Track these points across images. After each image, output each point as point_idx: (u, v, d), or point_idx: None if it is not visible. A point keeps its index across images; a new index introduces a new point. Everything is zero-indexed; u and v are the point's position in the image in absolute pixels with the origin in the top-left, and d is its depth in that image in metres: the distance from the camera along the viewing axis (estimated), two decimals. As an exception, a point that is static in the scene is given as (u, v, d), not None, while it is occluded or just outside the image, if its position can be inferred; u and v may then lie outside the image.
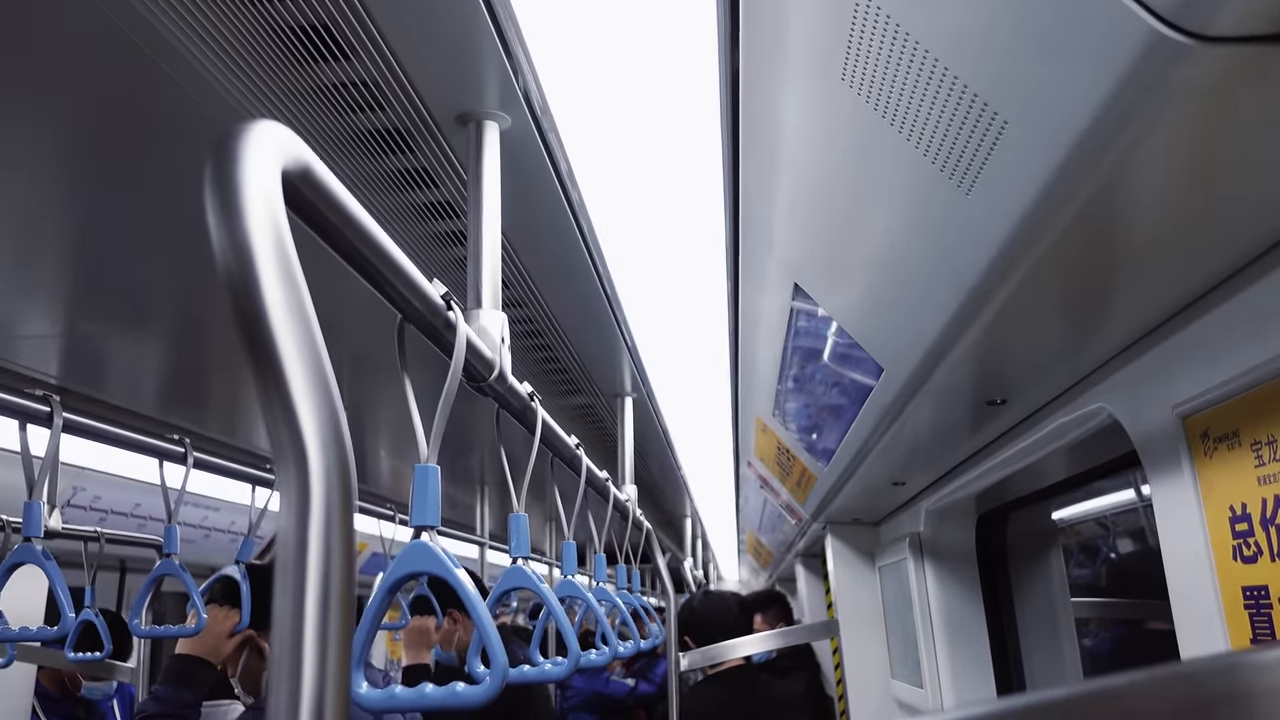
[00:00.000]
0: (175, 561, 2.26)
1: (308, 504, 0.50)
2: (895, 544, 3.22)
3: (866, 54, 0.96)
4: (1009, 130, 0.84)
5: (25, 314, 2.48)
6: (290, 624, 0.48)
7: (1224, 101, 0.70)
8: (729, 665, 3.36)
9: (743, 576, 13.35)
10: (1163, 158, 0.79)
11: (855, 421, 2.09)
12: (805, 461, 3.03)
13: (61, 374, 2.97)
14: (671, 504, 6.92)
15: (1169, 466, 1.26)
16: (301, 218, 0.74)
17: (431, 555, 1.03)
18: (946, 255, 1.15)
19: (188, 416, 3.66)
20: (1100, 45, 0.68)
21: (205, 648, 2.49)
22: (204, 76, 1.38)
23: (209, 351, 2.89)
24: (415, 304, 1.02)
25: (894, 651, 3.47)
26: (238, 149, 0.58)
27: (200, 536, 4.38)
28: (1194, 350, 1.19)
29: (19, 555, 1.83)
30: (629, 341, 2.80)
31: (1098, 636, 3.79)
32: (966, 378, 1.56)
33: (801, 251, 1.67)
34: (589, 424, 4.02)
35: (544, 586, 1.41)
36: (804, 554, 5.63)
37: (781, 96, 1.27)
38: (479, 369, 1.27)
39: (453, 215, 1.90)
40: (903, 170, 1.07)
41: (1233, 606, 1.12)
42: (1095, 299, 1.20)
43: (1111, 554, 3.89)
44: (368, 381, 3.28)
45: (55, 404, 1.78)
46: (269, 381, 0.51)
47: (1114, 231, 0.96)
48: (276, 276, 0.53)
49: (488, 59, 1.36)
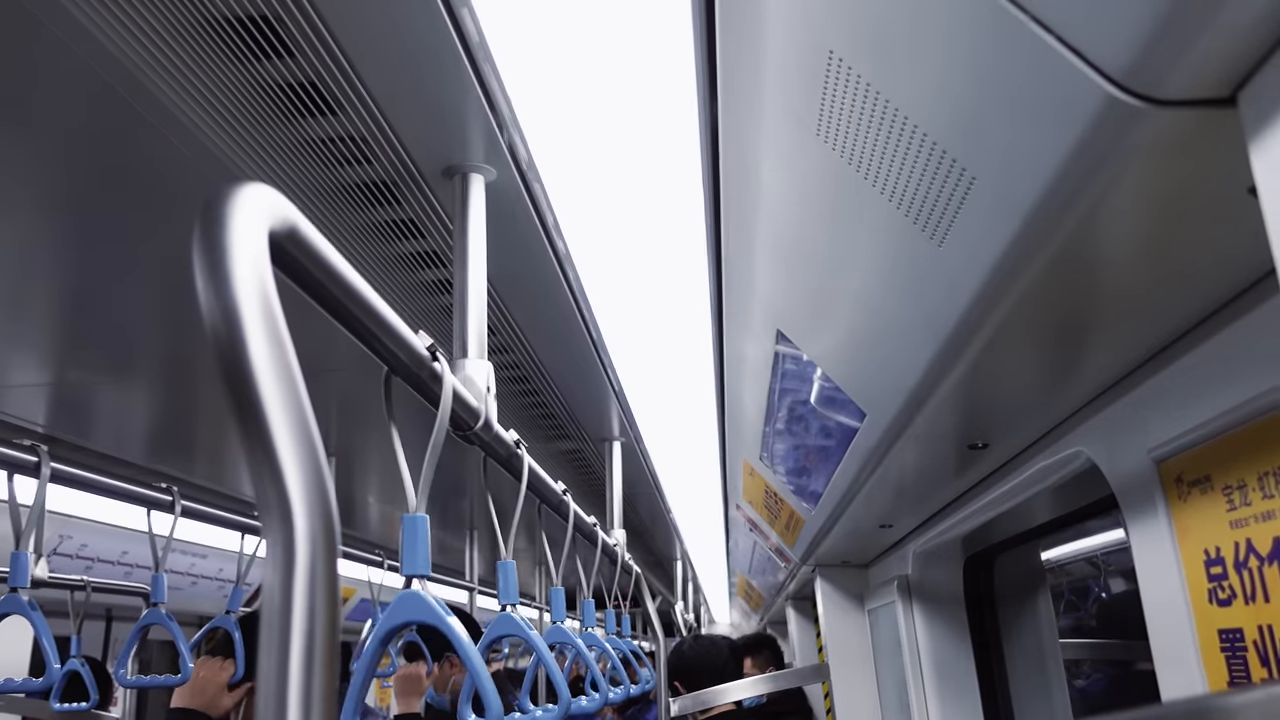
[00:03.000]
0: (162, 610, 2.25)
1: (292, 558, 0.51)
2: (884, 586, 3.22)
3: (839, 112, 0.99)
4: (977, 186, 0.87)
5: (13, 363, 2.48)
6: (275, 677, 0.49)
7: (1178, 161, 0.73)
8: (719, 710, 3.34)
9: (734, 620, 13.27)
10: (1124, 213, 0.82)
11: (840, 465, 2.11)
12: (793, 504, 3.04)
13: (49, 422, 2.97)
14: (661, 547, 6.90)
15: (1145, 510, 1.28)
16: (289, 275, 0.75)
17: (424, 604, 1.04)
18: (922, 304, 1.17)
19: (175, 464, 3.65)
20: (1059, 107, 0.70)
21: (202, 700, 2.46)
22: (193, 131, 1.41)
23: (196, 400, 2.90)
24: (401, 356, 1.03)
25: (885, 695, 3.45)
26: (225, 212, 0.60)
27: (188, 584, 4.36)
28: (1167, 395, 1.21)
29: (5, 606, 1.82)
30: (616, 387, 2.82)
31: (1090, 677, 3.79)
32: (948, 422, 1.59)
33: (783, 299, 1.69)
34: (577, 469, 4.02)
35: (533, 633, 1.42)
36: (794, 596, 5.62)
37: (759, 150, 1.30)
38: (465, 418, 1.28)
39: (439, 264, 1.92)
40: (877, 222, 1.09)
41: (1209, 649, 1.13)
42: (1069, 345, 1.23)
43: (1102, 594, 3.90)
44: (356, 429, 3.28)
45: (43, 454, 1.79)
46: (255, 440, 0.53)
47: (1082, 282, 0.99)
48: (263, 338, 0.55)
49: (472, 114, 1.38)
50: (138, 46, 1.21)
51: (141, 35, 1.19)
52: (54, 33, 1.17)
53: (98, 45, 1.20)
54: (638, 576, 3.10)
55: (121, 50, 1.21)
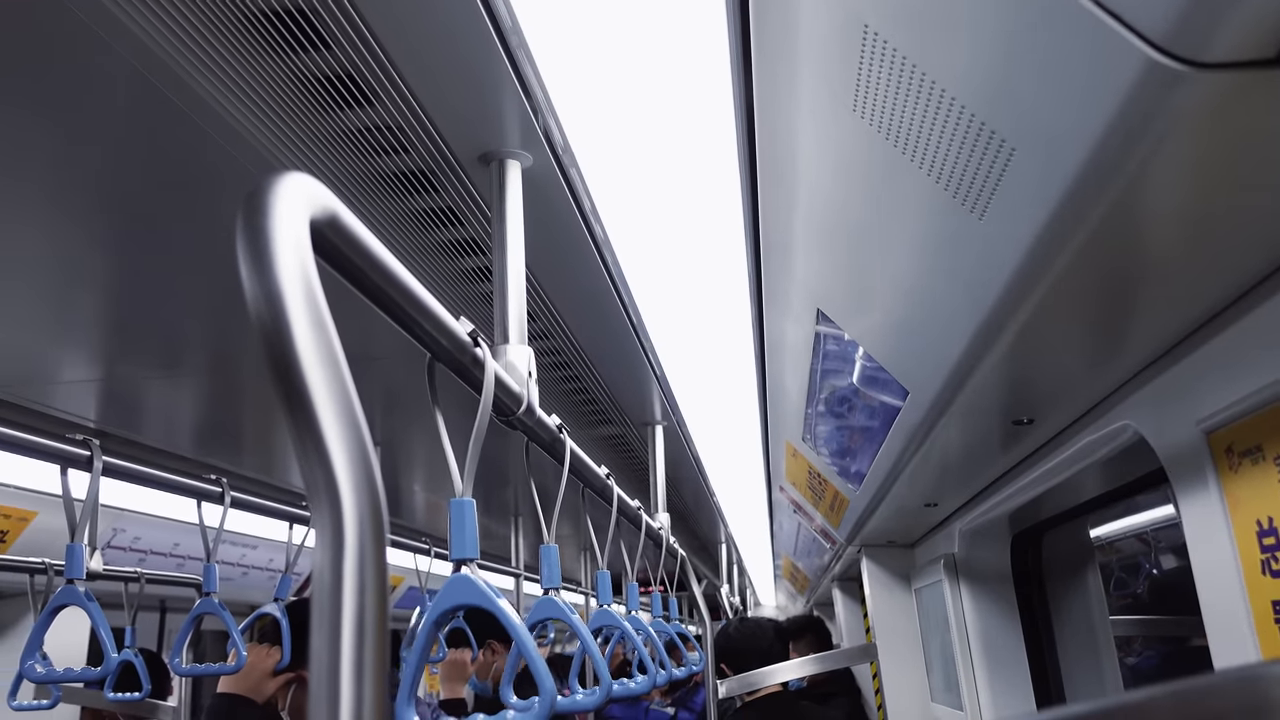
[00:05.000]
0: (214, 600, 2.29)
1: (342, 541, 0.52)
2: (930, 566, 3.21)
3: (876, 87, 0.98)
4: (1017, 157, 0.86)
5: (64, 360, 2.53)
6: (327, 659, 0.50)
7: (1224, 125, 0.72)
8: (766, 692, 3.34)
9: (780, 602, 13.27)
10: (1169, 180, 0.80)
11: (884, 444, 2.10)
12: (837, 485, 3.03)
13: (100, 418, 3.03)
14: (706, 531, 6.90)
15: (1195, 483, 1.26)
16: (330, 264, 0.76)
17: (474, 588, 1.05)
18: (964, 278, 1.16)
19: (224, 456, 3.71)
20: (1099, 74, 0.69)
21: (247, 685, 2.51)
22: (233, 126, 1.42)
23: (244, 392, 2.94)
24: (443, 342, 1.04)
25: (933, 674, 3.44)
26: (267, 201, 0.61)
27: (239, 574, 4.43)
28: (1215, 365, 1.19)
29: (62, 597, 1.86)
30: (657, 370, 2.82)
31: (1142, 654, 3.75)
32: (992, 398, 1.57)
33: (823, 278, 1.68)
34: (620, 453, 4.03)
35: (574, 617, 1.43)
36: (840, 578, 5.60)
37: (795, 128, 1.30)
38: (507, 403, 1.29)
39: (478, 252, 1.93)
40: (916, 197, 1.09)
41: (1263, 620, 1.12)
42: (1114, 317, 1.21)
43: (1154, 570, 3.85)
44: (402, 418, 3.31)
45: (95, 448, 1.82)
46: (302, 424, 0.53)
47: (1127, 251, 0.97)
48: (307, 323, 0.56)
49: (507, 100, 1.39)
50: (175, 42, 1.23)
51: (179, 30, 1.20)
52: (93, 30, 1.18)
53: (136, 41, 1.21)
54: (683, 560, 3.11)
55: (160, 45, 1.23)
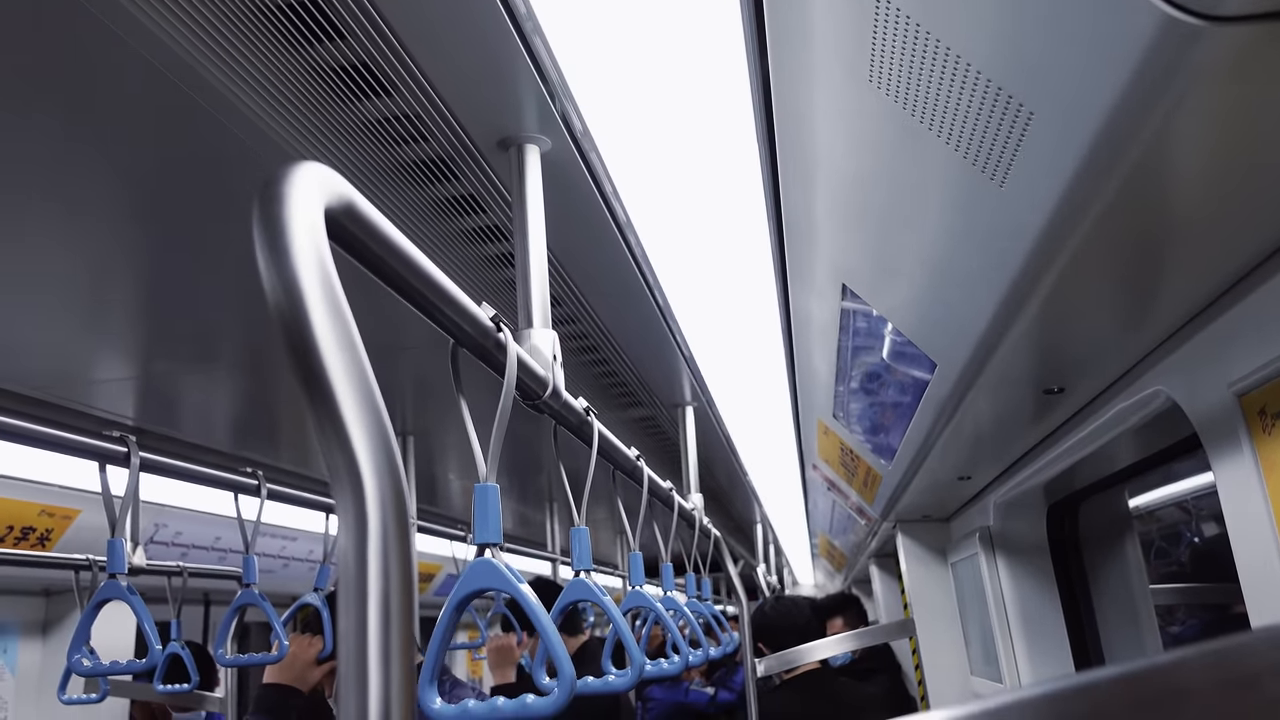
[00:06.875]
0: (255, 591, 2.32)
1: (365, 523, 0.52)
2: (966, 539, 3.19)
3: (891, 57, 0.97)
4: (1036, 121, 0.85)
5: (101, 359, 2.57)
6: (354, 640, 0.51)
7: (1244, 82, 0.71)
8: (805, 670, 3.35)
9: (818, 580, 13.25)
10: (1191, 139, 0.79)
11: (915, 418, 2.09)
12: (869, 461, 3.02)
13: (137, 415, 3.07)
14: (741, 511, 6.90)
15: (1229, 446, 1.25)
16: (348, 251, 0.77)
17: (496, 572, 1.06)
18: (988, 247, 1.15)
19: (260, 450, 3.75)
20: (1114, 32, 0.69)
21: (291, 675, 2.54)
22: (253, 120, 1.43)
23: (278, 386, 2.96)
24: (465, 328, 1.04)
25: (972, 648, 3.43)
26: (281, 190, 0.61)
27: (279, 566, 4.48)
28: (1246, 327, 1.18)
29: (105, 592, 1.89)
30: (685, 351, 2.82)
31: (1185, 623, 3.71)
32: (1021, 368, 1.56)
33: (846, 252, 1.68)
34: (651, 435, 4.04)
35: (606, 598, 1.43)
36: (877, 554, 5.59)
37: (812, 102, 1.29)
38: (533, 387, 1.29)
39: (500, 238, 1.93)
40: (936, 166, 1.08)
41: (1300, 583, 1.11)
42: (1141, 281, 1.20)
43: (1195, 538, 3.81)
44: (433, 407, 3.33)
45: (132, 444, 1.85)
46: (321, 409, 0.54)
47: (1151, 214, 0.96)
48: (324, 309, 0.56)
49: (524, 85, 1.39)
50: (192, 38, 1.23)
51: (193, 23, 1.21)
52: (109, 28, 1.19)
53: (151, 37, 1.22)
54: (717, 540, 3.11)
55: (178, 43, 1.24)
